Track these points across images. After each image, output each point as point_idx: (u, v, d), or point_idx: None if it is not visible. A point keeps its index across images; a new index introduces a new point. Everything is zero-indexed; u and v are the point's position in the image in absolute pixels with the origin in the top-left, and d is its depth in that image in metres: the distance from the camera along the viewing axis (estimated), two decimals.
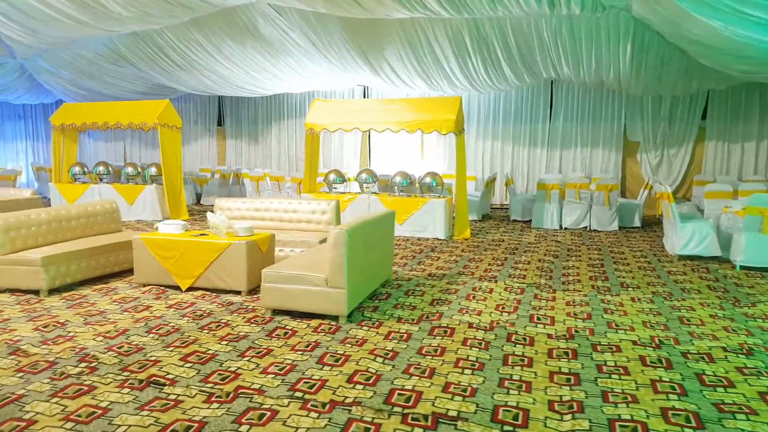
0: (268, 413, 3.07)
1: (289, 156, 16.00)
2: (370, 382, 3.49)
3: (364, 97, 14.56)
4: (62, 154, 12.13)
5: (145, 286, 5.93)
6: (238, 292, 5.61)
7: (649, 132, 12.26)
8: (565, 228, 10.24)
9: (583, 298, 5.51)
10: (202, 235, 5.89)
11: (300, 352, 3.98)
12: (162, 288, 5.82)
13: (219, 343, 4.17)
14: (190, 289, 5.72)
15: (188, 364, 3.76)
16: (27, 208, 7.49)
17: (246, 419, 3.00)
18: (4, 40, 11.99)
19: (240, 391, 3.34)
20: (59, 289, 5.79)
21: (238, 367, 3.71)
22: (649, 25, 8.55)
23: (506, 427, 2.92)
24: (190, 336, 4.34)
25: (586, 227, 10.20)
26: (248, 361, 3.83)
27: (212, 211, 8.45)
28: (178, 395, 3.29)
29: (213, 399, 3.24)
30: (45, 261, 5.56)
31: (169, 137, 11.24)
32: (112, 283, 6.15)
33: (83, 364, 3.77)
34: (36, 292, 5.66)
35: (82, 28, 10.71)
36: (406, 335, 4.36)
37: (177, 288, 5.78)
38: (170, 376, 3.56)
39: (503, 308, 5.12)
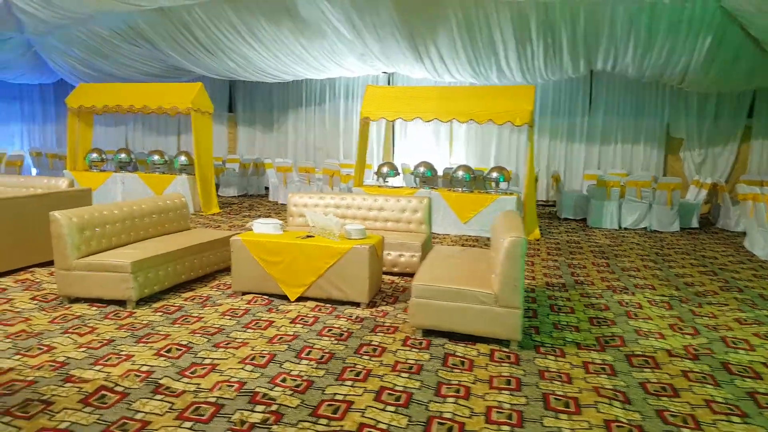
0: None
1: (306, 145, 15.18)
2: None
3: (389, 85, 13.88)
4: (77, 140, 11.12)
5: (244, 294, 5.23)
6: (356, 304, 4.97)
7: (693, 129, 11.98)
8: (625, 228, 9.86)
9: (743, 314, 5.07)
10: (307, 237, 5.22)
11: (507, 392, 3.40)
12: (266, 297, 5.14)
13: (398, 376, 3.56)
14: (300, 299, 5.06)
15: (389, 407, 3.15)
16: (76, 202, 6.66)
17: None
18: (15, 13, 10.84)
19: None
20: (146, 299, 5.05)
21: (453, 413, 3.10)
22: (735, 17, 8.16)
23: None
24: (354, 363, 3.71)
25: (645, 227, 9.85)
26: (455, 403, 3.23)
27: (288, 210, 7.70)
28: None
29: None
30: (135, 266, 4.81)
31: (202, 123, 10.38)
32: (199, 290, 5.43)
33: (260, 408, 3.11)
34: (120, 303, 4.91)
35: (107, 2, 9.71)
36: (608, 367, 3.81)
37: (283, 297, 5.11)
38: (382, 426, 2.94)
39: (679, 328, 4.62)
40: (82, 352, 3.84)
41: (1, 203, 5.75)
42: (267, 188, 14.13)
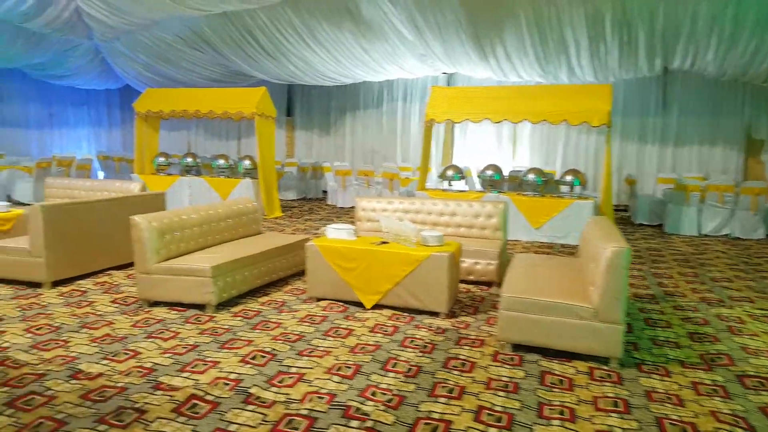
0: None
1: (363, 148, 15.12)
2: None
3: (448, 86, 13.64)
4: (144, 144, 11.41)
5: (319, 300, 5.14)
6: (434, 314, 4.78)
7: None
8: (705, 234, 9.29)
9: None
10: (382, 243, 5.07)
11: (616, 415, 3.13)
12: (342, 304, 5.02)
13: (495, 394, 3.35)
14: (375, 306, 4.92)
15: (491, 430, 2.95)
16: (150, 206, 6.75)
17: None
18: (85, 20, 11.25)
19: None
20: (225, 303, 5.02)
21: None
22: None
23: None
24: (445, 378, 3.53)
25: (727, 234, 9.25)
26: (561, 426, 2.99)
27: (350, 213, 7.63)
28: None
29: None
30: (215, 271, 4.79)
31: (265, 128, 10.45)
32: (274, 294, 5.38)
33: (354, 423, 2.97)
34: (199, 307, 4.90)
35: (174, 7, 9.92)
36: (720, 389, 3.49)
37: (358, 304, 4.98)
38: None
39: None
40: (168, 357, 3.81)
41: (80, 207, 5.88)
42: (325, 192, 14.16)
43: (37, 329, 4.34)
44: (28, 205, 6.91)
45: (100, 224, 6.04)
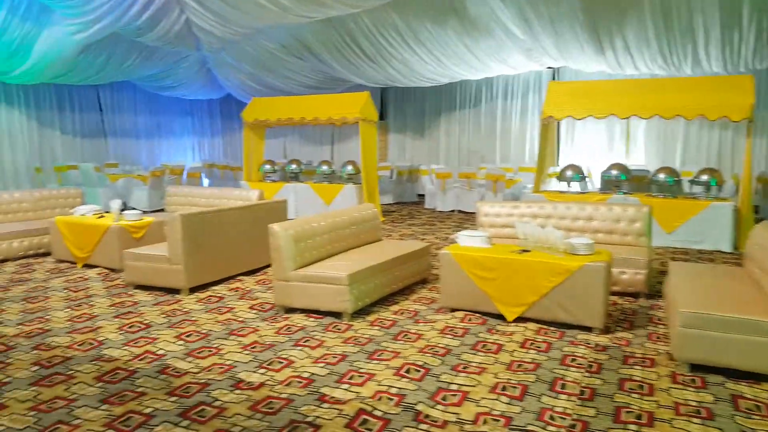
0: None
1: (459, 150, 14.83)
2: None
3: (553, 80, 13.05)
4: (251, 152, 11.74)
5: (453, 311, 4.94)
6: (587, 329, 4.44)
7: None
8: None
9: None
10: (523, 251, 4.79)
11: None
12: (480, 316, 4.79)
13: (689, 422, 2.99)
14: (518, 319, 4.64)
15: None
16: (275, 213, 6.85)
17: None
18: (195, 31, 11.74)
19: None
20: (359, 312, 4.93)
21: None
22: None
23: None
24: (626, 403, 3.21)
25: None
26: None
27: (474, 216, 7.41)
28: None
29: None
30: (351, 279, 4.71)
31: (368, 132, 10.43)
32: (402, 303, 5.24)
33: None
34: (334, 315, 4.84)
35: (282, 15, 10.10)
36: None
37: (496, 316, 4.73)
38: None
39: None
40: (322, 367, 3.74)
41: (213, 215, 6.00)
42: (420, 195, 14.02)
43: (187, 336, 4.42)
44: (145, 212, 7.21)
45: (231, 231, 6.16)
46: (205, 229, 5.83)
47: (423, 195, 14.00)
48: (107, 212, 7.29)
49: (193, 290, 5.72)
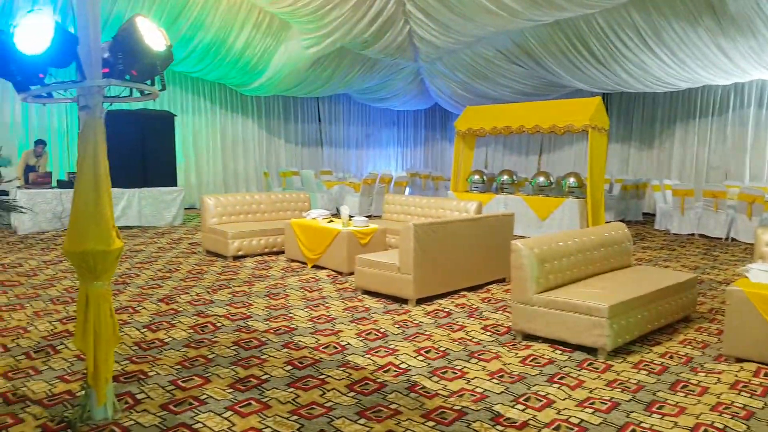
0: None
1: (696, 164, 12.85)
2: None
3: None
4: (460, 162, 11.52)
5: (738, 360, 3.96)
6: None
7: None
8: None
9: None
10: None
11: None
12: None
13: None
14: None
15: None
16: (502, 227, 6.41)
17: None
18: (415, 42, 11.92)
19: None
20: (617, 350, 4.20)
21: None
22: None
23: None
24: None
25: None
26: None
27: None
28: None
29: None
30: (612, 311, 4.02)
31: (598, 142, 9.45)
32: (666, 344, 4.37)
33: None
34: (587, 349, 4.18)
35: (510, 20, 9.69)
36: None
37: None
38: None
39: None
40: (591, 414, 3.15)
41: (442, 226, 5.74)
42: (646, 214, 12.48)
43: (426, 351, 4.17)
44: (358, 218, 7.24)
45: (457, 244, 5.86)
46: (434, 240, 5.60)
47: (648, 213, 12.49)
48: (335, 216, 7.55)
49: (419, 302, 5.52)
